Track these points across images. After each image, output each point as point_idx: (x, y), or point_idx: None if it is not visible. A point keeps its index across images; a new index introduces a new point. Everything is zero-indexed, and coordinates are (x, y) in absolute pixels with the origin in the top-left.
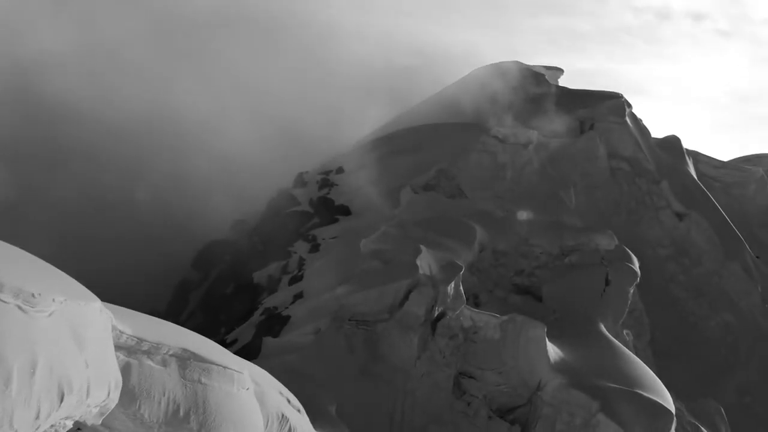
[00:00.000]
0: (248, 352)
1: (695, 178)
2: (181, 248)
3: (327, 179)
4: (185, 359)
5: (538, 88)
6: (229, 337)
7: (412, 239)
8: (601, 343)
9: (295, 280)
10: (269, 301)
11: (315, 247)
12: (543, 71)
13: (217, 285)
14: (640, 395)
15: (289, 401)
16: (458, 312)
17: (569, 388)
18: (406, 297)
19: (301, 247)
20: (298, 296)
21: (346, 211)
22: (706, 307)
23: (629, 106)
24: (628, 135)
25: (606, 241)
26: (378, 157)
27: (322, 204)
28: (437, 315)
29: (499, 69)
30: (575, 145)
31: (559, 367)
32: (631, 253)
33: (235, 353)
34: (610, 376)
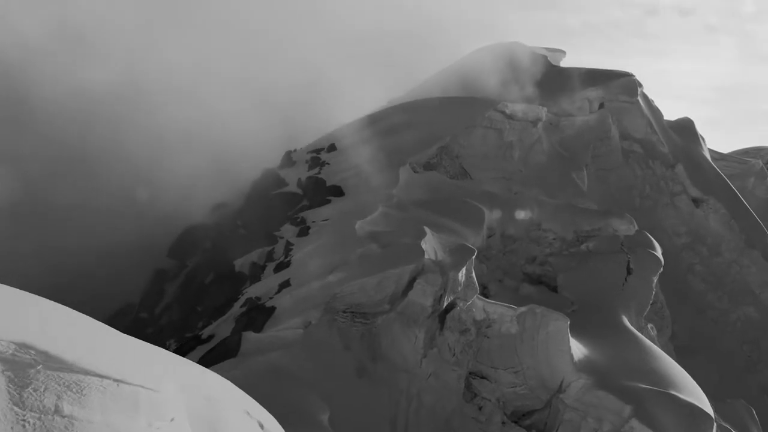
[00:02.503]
0: (226, 350)
1: (711, 162)
2: (157, 235)
3: (318, 158)
4: (24, 366)
5: (542, 68)
6: (205, 332)
7: (414, 220)
8: (627, 339)
9: (282, 267)
10: (252, 291)
11: (304, 231)
12: (545, 53)
13: (195, 274)
14: (677, 398)
15: (261, 427)
16: (470, 303)
17: (596, 390)
18: (409, 285)
19: (288, 231)
20: (285, 285)
21: (338, 191)
22: (726, 301)
23: (640, 85)
24: (640, 116)
25: (625, 226)
26: (374, 133)
27: (312, 184)
28: (446, 306)
29: (502, 48)
30: (587, 124)
31: (584, 366)
32: (652, 238)
33: (211, 351)
34: (641, 376)
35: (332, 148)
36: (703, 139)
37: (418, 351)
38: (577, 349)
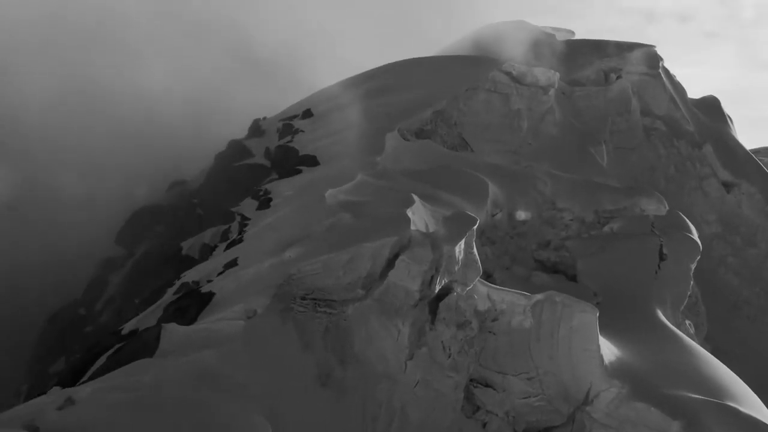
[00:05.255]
0: (140, 348)
1: (740, 143)
2: (104, 220)
3: (290, 125)
4: None
5: (550, 42)
6: (127, 327)
7: (400, 191)
8: (665, 337)
9: (233, 245)
10: (191, 275)
11: (264, 204)
12: (552, 32)
13: (143, 263)
14: (736, 411)
15: None
16: (471, 288)
17: (633, 401)
18: (391, 263)
19: (248, 207)
20: (231, 266)
21: (312, 162)
22: (764, 297)
23: (661, 59)
24: (662, 90)
25: (654, 206)
26: (358, 96)
27: (282, 154)
28: (439, 292)
29: (507, 25)
30: (604, 95)
31: (617, 371)
32: (687, 219)
33: (119, 351)
34: (689, 384)
35: (308, 114)
36: (730, 119)
37: (401, 351)
38: (607, 349)
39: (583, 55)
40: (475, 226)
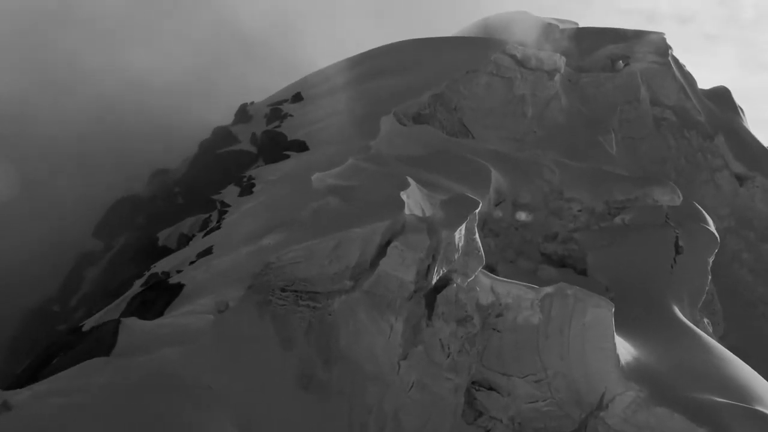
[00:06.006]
0: (96, 345)
1: (753, 134)
2: (83, 213)
3: (279, 110)
4: None
5: (556, 31)
6: (88, 323)
7: (394, 176)
8: (684, 336)
9: (211, 233)
10: (162, 265)
11: (247, 189)
12: (556, 23)
13: (120, 256)
14: (766, 416)
15: None
16: (472, 279)
17: (653, 406)
18: (383, 251)
19: (230, 194)
20: (206, 254)
21: (301, 147)
22: None
23: (670, 48)
24: (672, 79)
25: (668, 196)
26: (351, 79)
27: (269, 140)
28: (436, 283)
29: (509, 15)
30: (612, 82)
31: (634, 372)
32: (703, 211)
33: (73, 348)
34: (714, 387)
35: (298, 98)
36: (742, 110)
37: (394, 349)
38: (623, 348)
39: (589, 42)
40: (478, 210)
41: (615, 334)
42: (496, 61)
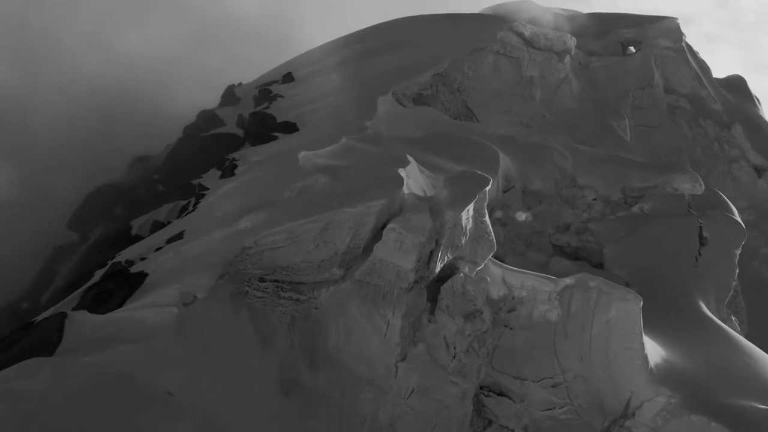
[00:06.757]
0: (40, 343)
1: None
2: (58, 204)
3: (268, 91)
4: None
5: (564, 16)
6: (41, 317)
7: (392, 157)
8: (715, 335)
9: (186, 217)
10: (127, 253)
11: (229, 171)
12: (561, 12)
13: (97, 249)
14: None
15: None
16: (482, 268)
17: (687, 414)
18: (378, 235)
19: (211, 178)
20: (177, 239)
21: (291, 129)
22: None
23: (683, 33)
24: (685, 65)
25: (689, 184)
26: (347, 57)
27: (256, 122)
28: (440, 273)
29: (514, 4)
30: (624, 67)
31: (664, 375)
32: (727, 199)
33: (18, 345)
34: (751, 391)
35: (288, 78)
36: (758, 100)
37: (391, 350)
38: (651, 348)
39: (599, 27)
40: (488, 188)
41: (643, 331)
42: (503, 39)
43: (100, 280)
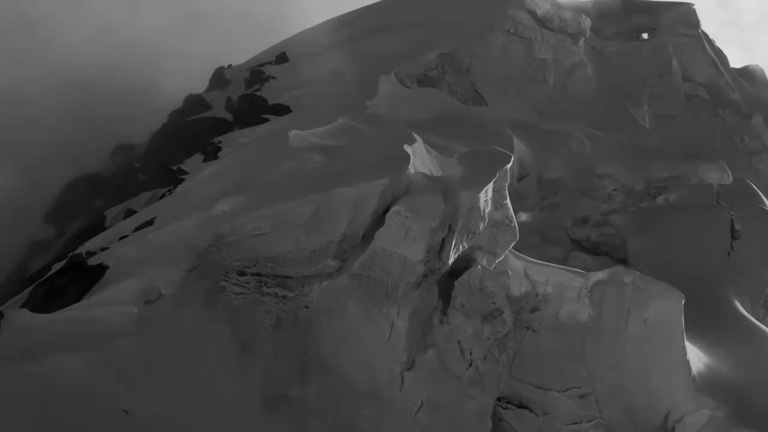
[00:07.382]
0: None
1: None
2: (35, 196)
3: (260, 72)
4: None
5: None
6: None
7: (395, 137)
8: (756, 339)
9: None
10: (90, 244)
11: (212, 154)
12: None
13: (74, 244)
14: None
15: None
16: (501, 260)
17: (735, 428)
18: (381, 220)
19: (194, 163)
20: (147, 226)
21: (283, 111)
22: None
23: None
24: (703, 53)
25: (716, 173)
26: (346, 36)
27: (246, 105)
28: (454, 265)
29: None
30: (638, 53)
31: (708, 385)
32: (757, 189)
33: None
34: None
35: (282, 58)
36: None
37: (396, 356)
38: (693, 354)
39: (610, 13)
40: (509, 165)
41: (685, 334)
42: (514, 18)
43: (53, 274)
